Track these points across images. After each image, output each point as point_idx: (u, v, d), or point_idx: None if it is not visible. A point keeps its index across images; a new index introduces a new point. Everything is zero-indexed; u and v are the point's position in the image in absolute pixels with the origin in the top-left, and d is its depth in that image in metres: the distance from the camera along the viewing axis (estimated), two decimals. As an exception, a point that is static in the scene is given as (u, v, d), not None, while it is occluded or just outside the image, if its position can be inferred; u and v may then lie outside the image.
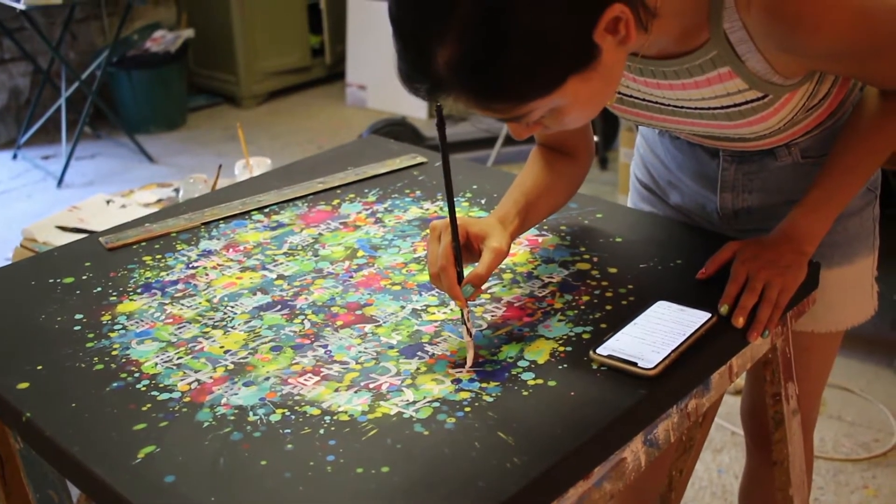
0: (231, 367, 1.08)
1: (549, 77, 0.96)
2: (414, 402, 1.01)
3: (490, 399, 1.01)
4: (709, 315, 1.14)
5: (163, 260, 1.34)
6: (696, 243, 1.33)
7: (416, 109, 4.94)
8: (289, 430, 0.97)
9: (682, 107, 1.20)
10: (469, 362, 1.07)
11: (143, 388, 1.05)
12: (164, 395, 1.03)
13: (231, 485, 0.90)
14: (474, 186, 1.54)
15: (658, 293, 1.19)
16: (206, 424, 0.98)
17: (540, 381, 1.04)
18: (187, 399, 1.03)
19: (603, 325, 1.14)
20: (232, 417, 0.99)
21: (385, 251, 1.34)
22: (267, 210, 1.49)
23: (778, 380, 1.32)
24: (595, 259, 1.30)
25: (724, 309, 1.15)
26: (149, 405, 1.02)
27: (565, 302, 1.20)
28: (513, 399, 1.01)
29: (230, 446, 0.95)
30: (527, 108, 0.98)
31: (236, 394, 1.03)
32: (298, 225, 1.43)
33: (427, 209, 1.47)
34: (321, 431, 0.97)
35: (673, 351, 1.07)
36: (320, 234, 1.40)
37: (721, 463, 2.39)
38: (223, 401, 1.02)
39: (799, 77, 1.13)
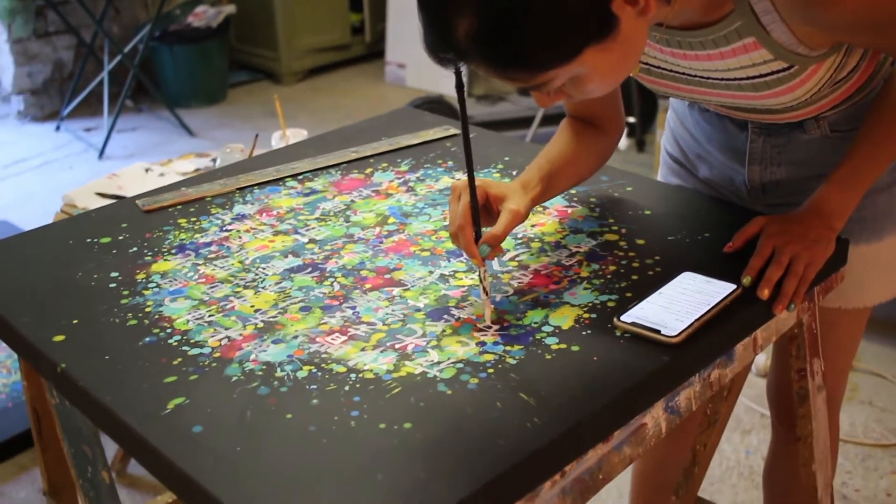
0: (261, 325, 1.10)
1: (566, 47, 0.97)
2: (438, 363, 1.02)
3: (513, 362, 1.02)
4: (734, 287, 1.15)
5: (197, 223, 1.37)
6: (724, 217, 1.34)
7: (454, 88, 4.94)
8: (315, 386, 0.99)
9: (708, 77, 1.20)
10: (487, 320, 1.09)
11: (175, 343, 1.07)
12: (195, 351, 1.06)
13: (257, 436, 0.92)
14: (506, 158, 1.55)
15: (684, 265, 1.20)
16: (234, 379, 1.01)
17: (563, 346, 1.05)
18: (217, 354, 1.05)
19: (628, 295, 1.15)
20: (260, 373, 1.02)
21: (416, 218, 1.36)
22: (301, 177, 1.51)
23: (803, 355, 1.33)
24: (623, 230, 1.31)
25: (746, 280, 1.15)
26: (179, 359, 1.04)
27: (592, 271, 1.21)
28: (536, 362, 1.02)
29: (257, 400, 0.97)
30: (545, 77, 0.99)
31: (265, 350, 1.05)
32: (331, 192, 1.45)
33: (459, 179, 1.48)
34: (346, 388, 0.99)
35: (697, 320, 1.08)
36: (352, 202, 1.42)
37: (749, 444, 2.39)
38: (252, 357, 1.04)
39: (825, 49, 1.13)
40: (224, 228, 1.35)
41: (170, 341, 1.08)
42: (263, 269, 1.23)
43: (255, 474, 0.87)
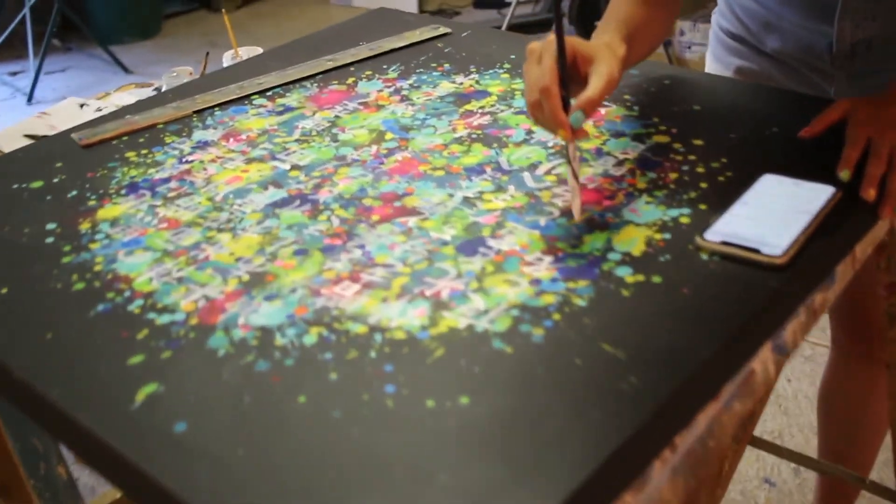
0: (246, 278, 0.86)
1: None
2: (486, 311, 0.78)
3: (582, 303, 0.79)
4: (832, 189, 0.92)
5: (150, 155, 1.11)
6: (790, 108, 1.11)
7: (406, 5, 4.65)
8: (330, 355, 0.75)
9: None
10: (577, 214, 0.88)
11: (137, 310, 0.82)
12: (165, 318, 0.81)
13: (262, 431, 0.68)
14: (512, 56, 1.30)
15: (760, 166, 0.97)
16: (221, 352, 0.76)
17: (641, 278, 0.82)
18: (194, 321, 0.80)
19: (702, 207, 0.92)
20: (254, 342, 0.77)
21: (418, 132, 1.11)
22: (270, 93, 1.25)
23: (895, 268, 1.11)
24: (674, 131, 1.07)
25: (844, 174, 0.94)
26: (145, 331, 0.79)
27: (649, 181, 0.97)
28: (611, 301, 0.79)
29: (255, 380, 0.73)
30: None
31: (256, 311, 0.81)
32: (309, 108, 1.19)
33: (461, 83, 1.23)
34: (372, 355, 0.74)
35: (801, 233, 0.86)
36: (337, 117, 1.16)
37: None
38: (240, 321, 0.80)
39: None
40: (184, 160, 1.09)
41: (130, 308, 0.83)
42: (240, 205, 0.98)
43: (266, 486, 0.63)
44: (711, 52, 1.33)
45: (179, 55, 4.34)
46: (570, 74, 0.91)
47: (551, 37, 0.90)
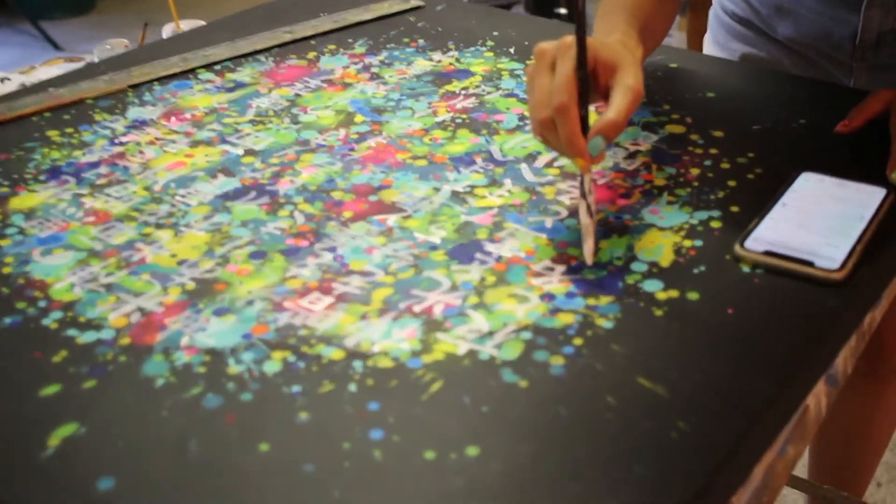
0: (191, 286, 0.70)
1: None
2: (491, 334, 0.64)
3: (608, 324, 0.64)
4: (884, 191, 0.79)
5: (76, 135, 0.94)
6: (819, 98, 0.98)
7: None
8: (298, 389, 0.59)
9: None
10: (588, 257, 0.71)
11: (54, 325, 0.66)
12: (89, 336, 0.65)
13: (212, 489, 0.52)
14: (495, 33, 1.16)
15: (792, 162, 0.84)
16: (159, 382, 0.60)
17: (674, 294, 0.68)
18: (126, 341, 0.64)
19: (733, 209, 0.78)
20: (201, 369, 0.61)
21: (393, 114, 0.96)
22: (219, 67, 1.08)
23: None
24: (689, 120, 0.94)
25: (895, 176, 0.81)
26: (64, 353, 0.63)
27: (669, 177, 0.83)
28: (642, 323, 0.65)
29: (204, 420, 0.57)
30: None
31: (204, 329, 0.65)
32: (265, 84, 1.04)
33: (438, 61, 1.08)
34: (352, 388, 0.59)
35: (858, 242, 0.72)
36: (297, 96, 1.01)
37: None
38: (184, 341, 0.64)
39: None
40: (116, 141, 0.92)
41: (45, 322, 0.66)
42: (183, 197, 0.82)
43: (222, 572, 0.47)
44: (712, 37, 1.20)
45: (114, 33, 4.10)
46: (591, 81, 0.75)
47: (567, 39, 0.73)
